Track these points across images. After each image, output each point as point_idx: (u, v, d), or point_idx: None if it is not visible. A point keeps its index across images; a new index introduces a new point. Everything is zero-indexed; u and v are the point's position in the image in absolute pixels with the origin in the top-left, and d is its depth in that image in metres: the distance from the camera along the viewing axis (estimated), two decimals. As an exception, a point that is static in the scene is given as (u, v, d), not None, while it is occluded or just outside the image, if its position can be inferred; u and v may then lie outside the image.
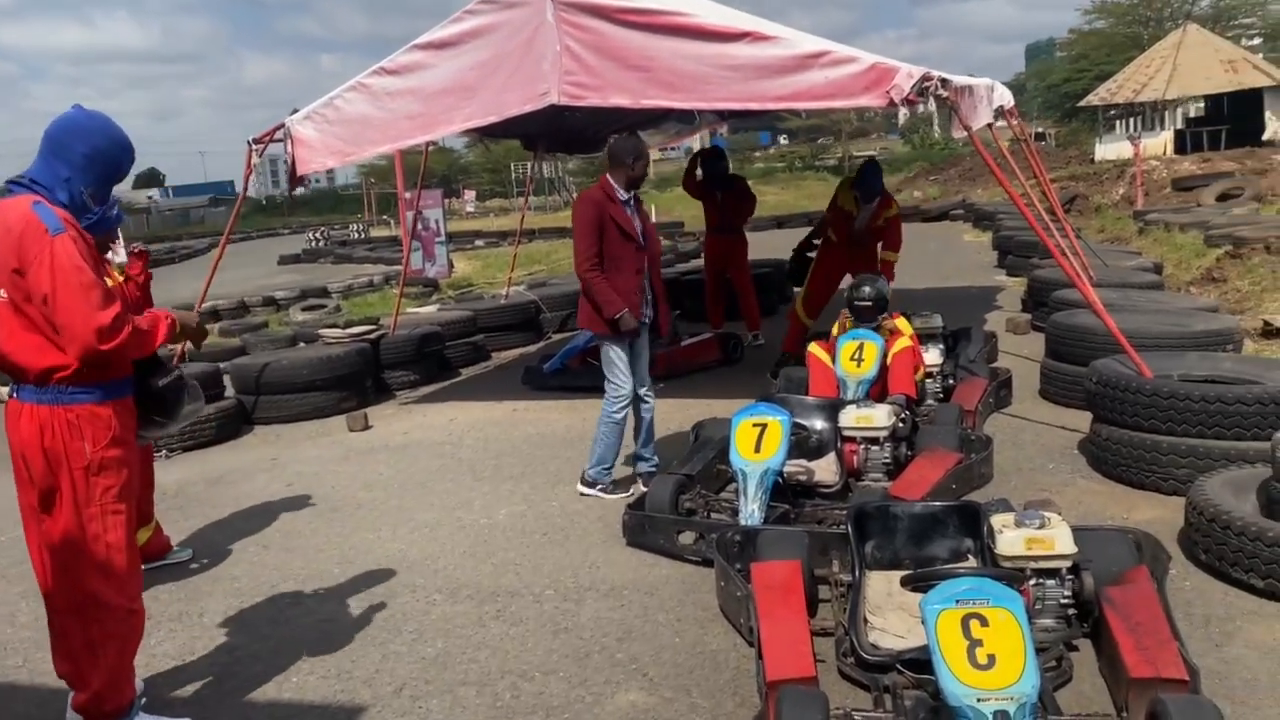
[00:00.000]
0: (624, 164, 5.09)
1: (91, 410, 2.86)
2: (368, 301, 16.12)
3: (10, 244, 2.76)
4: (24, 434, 2.85)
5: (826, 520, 4.32)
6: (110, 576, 2.91)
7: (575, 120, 9.17)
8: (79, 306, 2.73)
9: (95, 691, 2.94)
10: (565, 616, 3.80)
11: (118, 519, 2.92)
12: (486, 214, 46.72)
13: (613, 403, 5.18)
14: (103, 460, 2.87)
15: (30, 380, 2.84)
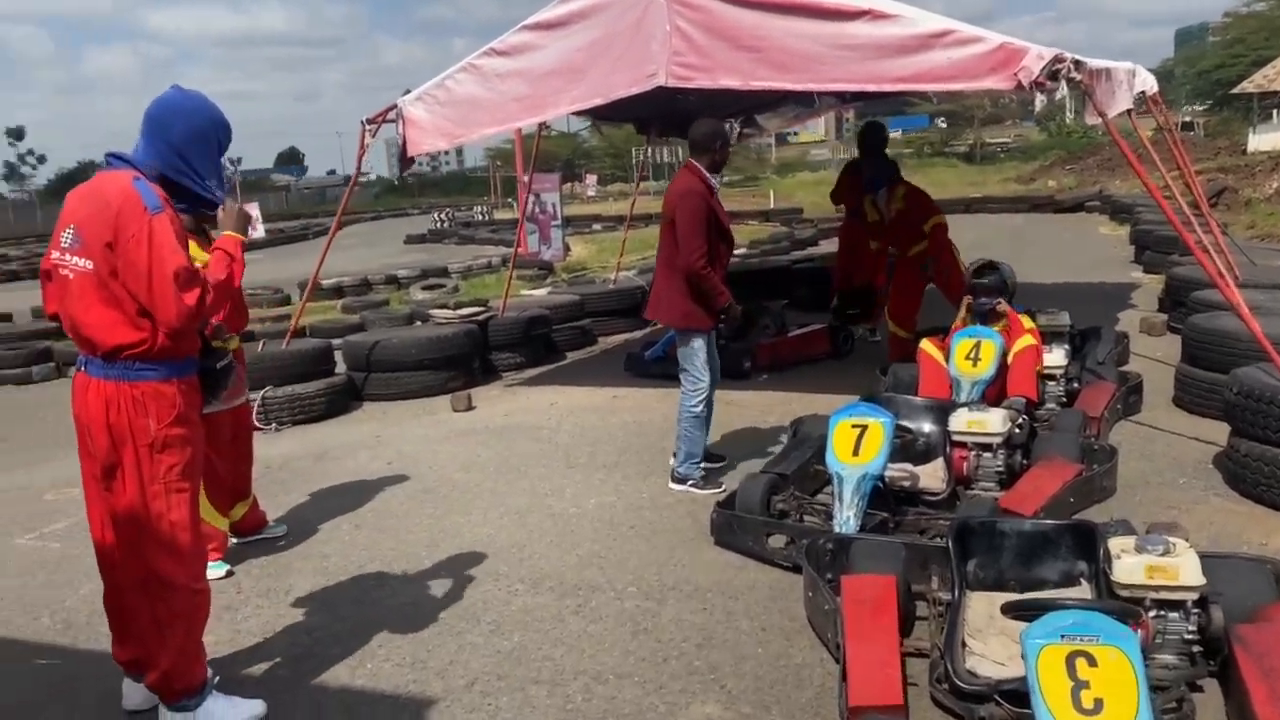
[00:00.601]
0: (710, 149, 4.95)
1: (156, 388, 2.85)
2: (484, 282, 16.34)
3: (107, 217, 2.77)
4: (91, 409, 2.85)
5: (929, 531, 4.06)
6: (174, 555, 2.91)
7: (689, 103, 8.98)
8: (169, 290, 2.74)
9: (164, 671, 2.94)
10: (645, 616, 3.67)
11: (181, 497, 2.91)
12: (607, 198, 47.01)
13: (692, 396, 5.08)
14: (167, 438, 2.86)
15: (100, 355, 2.84)
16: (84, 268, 2.81)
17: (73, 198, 2.92)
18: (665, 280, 5.05)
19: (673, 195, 4.96)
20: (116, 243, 2.76)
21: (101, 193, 2.83)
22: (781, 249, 17.97)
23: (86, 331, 2.84)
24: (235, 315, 4.46)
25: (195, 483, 2.99)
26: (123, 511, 2.88)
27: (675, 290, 4.97)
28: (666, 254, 5.03)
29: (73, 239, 2.84)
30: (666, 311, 5.12)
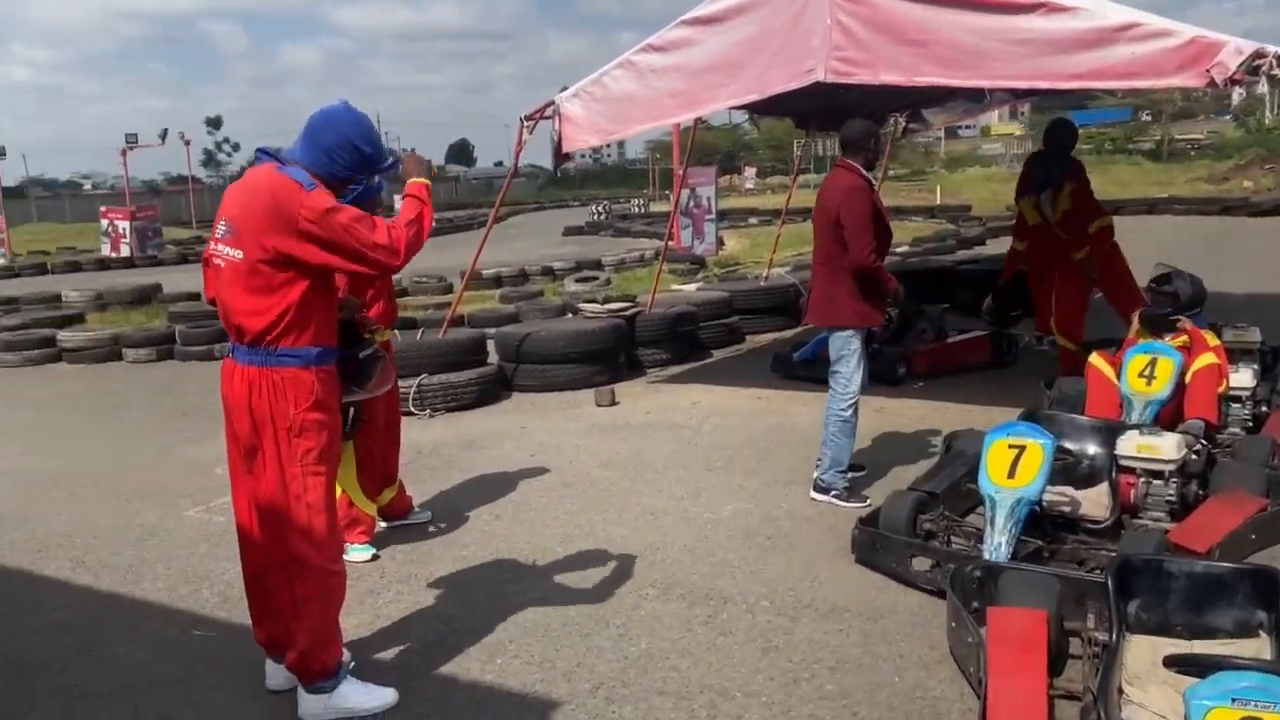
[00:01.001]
0: (864, 148, 4.93)
1: (295, 374, 2.94)
2: (636, 275, 16.42)
3: (260, 207, 2.89)
4: (235, 392, 2.97)
5: (1088, 562, 3.79)
6: (310, 536, 3.00)
7: (850, 97, 8.74)
8: (351, 242, 2.87)
9: (301, 650, 3.04)
10: (778, 633, 3.57)
11: (317, 480, 3.00)
12: (765, 191, 46.59)
13: (842, 399, 4.97)
14: (304, 422, 2.95)
15: (246, 341, 2.95)
16: (234, 257, 2.93)
17: (229, 192, 3.08)
18: (828, 281, 4.94)
19: (835, 193, 4.86)
20: (280, 227, 2.86)
21: (254, 185, 2.97)
22: (946, 248, 17.35)
23: (236, 318, 2.96)
24: (386, 309, 4.61)
25: (331, 466, 3.08)
26: (263, 493, 3.00)
27: (842, 290, 4.87)
28: (826, 253, 4.93)
29: (225, 230, 2.97)
30: (835, 314, 4.96)
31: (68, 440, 7.20)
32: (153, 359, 10.48)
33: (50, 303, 14.78)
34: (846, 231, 4.76)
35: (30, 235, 35.71)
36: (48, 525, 5.13)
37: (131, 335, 10.78)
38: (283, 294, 2.91)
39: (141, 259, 25.29)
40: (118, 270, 23.63)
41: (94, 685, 3.42)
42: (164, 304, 13.87)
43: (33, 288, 17.58)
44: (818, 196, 5.07)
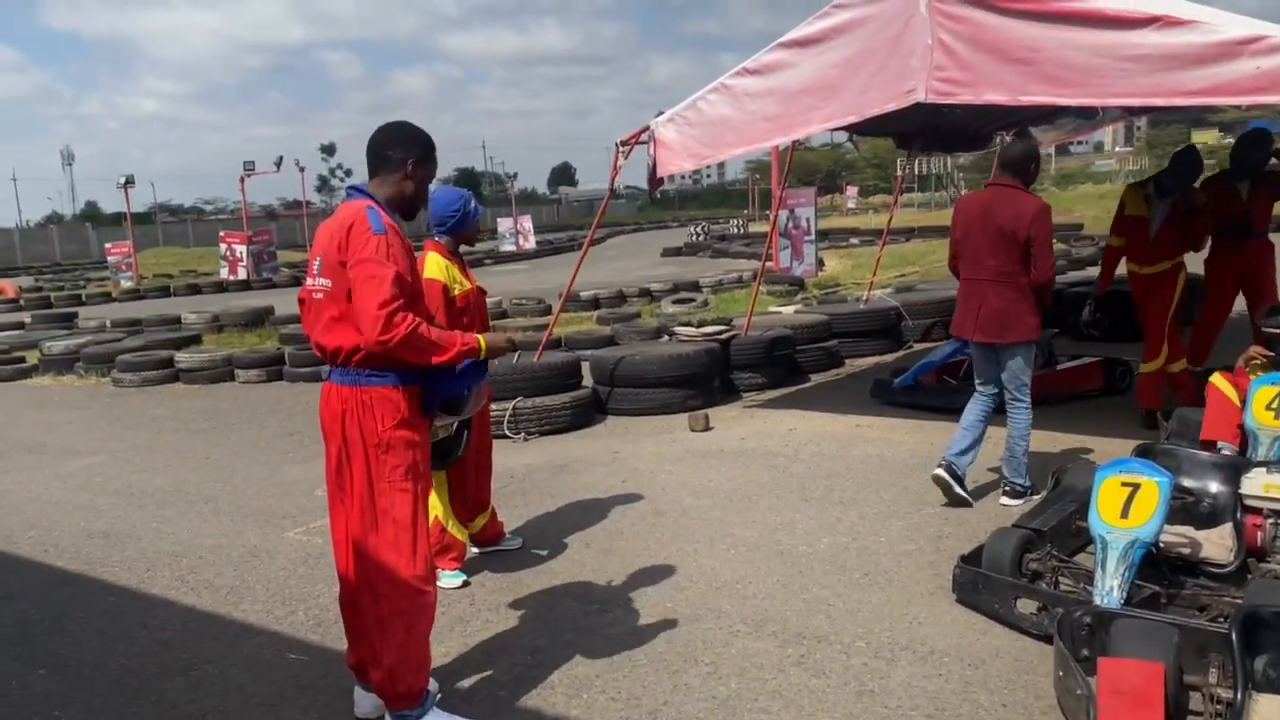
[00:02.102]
0: (1025, 170, 5.17)
1: (384, 393, 3.05)
2: (734, 297, 16.35)
3: (341, 238, 3.02)
4: (330, 412, 3.09)
5: (1210, 610, 3.54)
6: (397, 552, 3.07)
7: (954, 117, 8.52)
8: (366, 293, 2.94)
9: (388, 668, 3.07)
10: (873, 677, 3.43)
11: (405, 496, 3.08)
12: (867, 210, 45.97)
13: (1027, 413, 5.27)
14: (391, 439, 3.05)
15: (339, 363, 3.07)
16: (324, 287, 3.07)
17: (324, 228, 3.17)
18: (1003, 297, 5.14)
19: (1021, 213, 5.02)
20: (348, 262, 2.99)
21: (340, 219, 3.08)
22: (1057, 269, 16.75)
23: (326, 341, 3.08)
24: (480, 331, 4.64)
25: (419, 485, 3.14)
26: (354, 510, 3.09)
27: (1020, 306, 5.12)
28: (1002, 270, 5.12)
29: (319, 266, 3.10)
30: (1015, 329, 5.15)
31: (179, 459, 7.49)
32: (263, 379, 10.86)
33: (171, 324, 15.50)
34: (1036, 249, 5.03)
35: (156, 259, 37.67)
36: (157, 544, 5.33)
37: (243, 357, 11.20)
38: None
39: (257, 281, 26.38)
40: (235, 292, 24.71)
41: (189, 705, 3.50)
42: (275, 326, 14.41)
43: (156, 309, 18.48)
44: (977, 213, 5.22)
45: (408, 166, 3.17)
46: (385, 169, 3.17)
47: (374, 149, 3.19)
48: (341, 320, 3.03)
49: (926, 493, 5.43)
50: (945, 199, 45.50)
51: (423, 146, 3.22)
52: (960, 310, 5.37)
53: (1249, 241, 6.82)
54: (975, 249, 5.20)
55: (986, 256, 5.14)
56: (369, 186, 3.18)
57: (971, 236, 5.22)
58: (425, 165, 3.23)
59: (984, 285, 5.18)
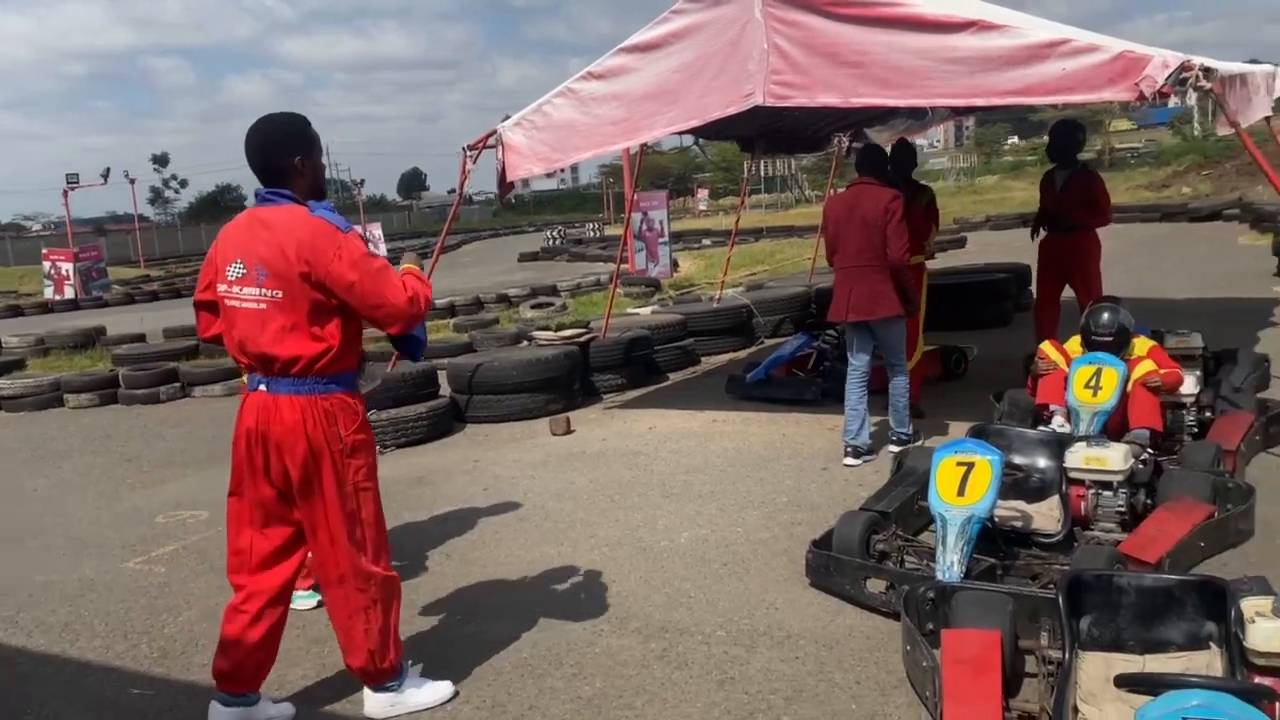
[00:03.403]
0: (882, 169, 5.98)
1: (343, 399, 3.13)
2: (593, 300, 16.40)
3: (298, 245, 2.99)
4: (285, 423, 3.06)
5: (1042, 577, 3.78)
6: (369, 548, 3.20)
7: (793, 119, 8.82)
8: (384, 288, 3.04)
9: (370, 651, 3.22)
10: (733, 664, 3.51)
11: (368, 495, 3.20)
12: (718, 212, 46.86)
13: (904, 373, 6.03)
14: (354, 443, 3.14)
15: (292, 372, 3.06)
16: (271, 297, 3.03)
17: (240, 232, 3.12)
18: (870, 281, 5.78)
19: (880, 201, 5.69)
20: (318, 266, 2.99)
21: (285, 226, 3.03)
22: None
23: (279, 351, 3.04)
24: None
25: (376, 482, 3.26)
26: (321, 516, 3.14)
27: (885, 287, 5.75)
28: (865, 258, 5.75)
29: (248, 271, 3.05)
30: (882, 307, 5.79)
31: (1, 494, 6.98)
32: (95, 404, 10.23)
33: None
34: (889, 231, 5.66)
35: (-29, 280, 34.88)
36: (-20, 584, 4.95)
37: (72, 380, 10.51)
38: (332, 326, 3.07)
39: (86, 301, 24.80)
40: (62, 313, 23.15)
41: (24, 754, 3.28)
42: (108, 347, 13.58)
43: (-28, 334, 17.13)
44: (844, 210, 5.85)
45: (300, 164, 3.15)
46: (282, 176, 3.12)
47: (259, 161, 3.13)
48: (296, 329, 3.03)
49: (781, 482, 5.61)
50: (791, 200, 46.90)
51: (302, 137, 3.18)
52: (836, 297, 5.98)
53: (1067, 234, 7.21)
54: (845, 242, 5.84)
55: (854, 247, 5.78)
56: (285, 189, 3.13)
57: (841, 231, 5.87)
58: (313, 153, 3.20)
59: (854, 272, 5.83)
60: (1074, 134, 7.44)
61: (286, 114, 3.23)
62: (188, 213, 77.13)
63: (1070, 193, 7.16)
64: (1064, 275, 7.35)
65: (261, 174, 3.14)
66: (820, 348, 8.11)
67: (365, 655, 3.23)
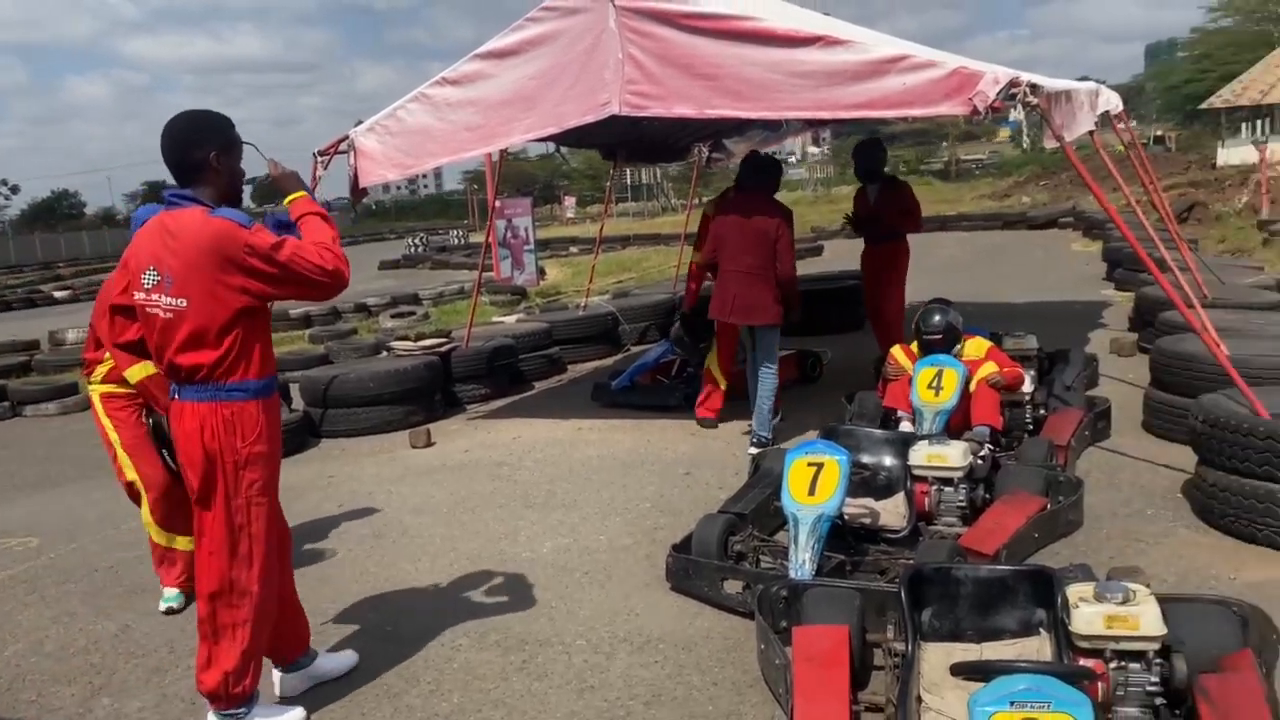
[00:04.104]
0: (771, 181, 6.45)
1: (242, 407, 3.08)
2: (456, 308, 16.17)
3: (200, 250, 2.96)
4: (187, 429, 3.06)
5: (889, 572, 3.93)
6: (250, 565, 3.13)
7: (654, 128, 8.90)
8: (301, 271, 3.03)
9: (227, 672, 3.12)
10: (594, 672, 3.51)
11: (260, 510, 3.14)
12: (585, 220, 46.97)
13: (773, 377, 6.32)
14: (250, 455, 3.09)
15: (196, 379, 3.04)
16: (178, 305, 3.00)
17: (147, 239, 3.07)
18: (753, 288, 6.12)
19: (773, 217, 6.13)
20: (227, 269, 2.97)
21: (187, 232, 2.99)
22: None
23: (180, 359, 3.04)
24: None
25: (273, 497, 3.20)
26: (208, 524, 3.11)
27: (767, 296, 6.09)
28: (752, 266, 6.09)
29: (160, 279, 3.02)
30: (760, 314, 6.16)
31: None
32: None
33: None
34: (780, 248, 6.07)
35: None
36: None
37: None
38: (228, 332, 3.02)
39: (-97, 314, 22.92)
40: (-125, 328, 21.31)
41: None
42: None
43: None
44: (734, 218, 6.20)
45: (215, 161, 3.10)
46: (195, 174, 3.09)
47: (173, 157, 3.09)
48: (198, 337, 3.01)
49: (644, 488, 5.65)
50: (658, 208, 47.40)
51: (217, 132, 3.13)
52: (718, 297, 6.33)
53: (882, 243, 7.84)
54: (733, 248, 6.17)
55: (742, 254, 6.13)
56: (194, 192, 3.09)
57: (730, 237, 6.20)
58: (230, 150, 3.15)
59: (739, 277, 6.16)
60: (875, 153, 8.08)
61: (205, 110, 3.19)
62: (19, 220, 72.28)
63: (884, 204, 7.76)
64: (875, 282, 8.01)
65: (175, 170, 3.11)
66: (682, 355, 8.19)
67: (220, 676, 3.12)
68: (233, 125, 3.17)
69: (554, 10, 5.82)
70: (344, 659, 3.65)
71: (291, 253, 3.02)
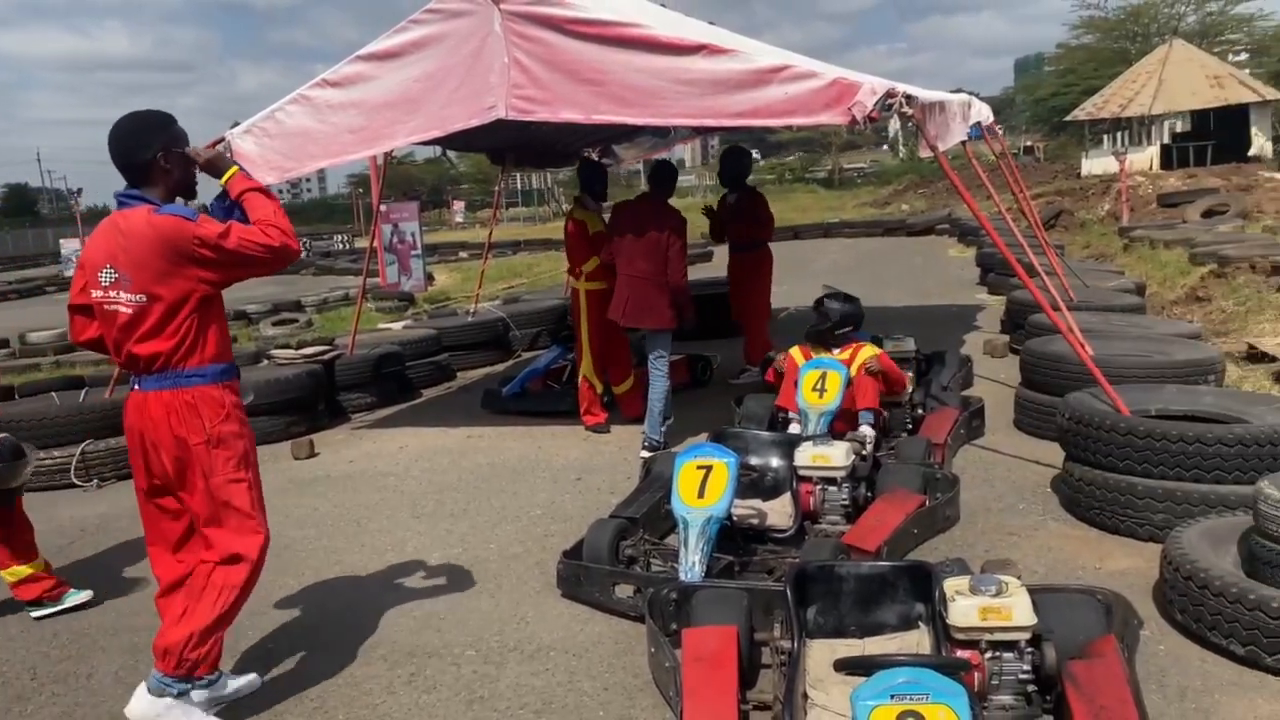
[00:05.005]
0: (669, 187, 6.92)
1: (204, 391, 3.18)
2: (341, 315, 15.79)
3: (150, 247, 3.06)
4: (154, 418, 3.14)
5: (777, 571, 3.99)
6: (241, 535, 3.25)
7: (543, 133, 8.86)
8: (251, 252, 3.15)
9: (190, 633, 3.15)
10: (483, 683, 3.47)
11: (240, 486, 3.24)
12: (474, 225, 46.48)
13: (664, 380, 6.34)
14: (220, 434, 3.19)
15: (155, 369, 3.13)
16: (137, 301, 3.09)
17: (104, 239, 3.16)
18: (647, 292, 6.24)
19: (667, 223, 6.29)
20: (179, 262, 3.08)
21: (136, 232, 3.09)
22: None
23: (140, 351, 3.13)
24: None
25: (252, 472, 3.31)
26: (194, 505, 3.23)
27: (660, 300, 6.22)
28: (647, 270, 6.21)
29: (116, 277, 3.11)
30: (651, 318, 6.28)
31: None
32: None
33: None
34: (672, 253, 6.22)
35: None
36: None
37: None
38: (183, 321, 3.13)
39: None
40: None
41: None
42: None
43: None
44: (632, 223, 6.35)
45: (161, 160, 3.19)
46: (144, 174, 3.18)
47: (120, 159, 3.17)
48: (156, 328, 3.09)
49: (535, 495, 5.61)
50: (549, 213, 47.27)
51: (160, 130, 3.23)
52: (615, 299, 6.45)
53: (744, 251, 8.22)
54: (630, 252, 6.29)
55: (638, 259, 6.24)
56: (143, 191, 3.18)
57: (627, 241, 6.31)
58: (174, 146, 3.23)
59: (635, 281, 6.28)
60: (741, 160, 8.49)
61: (148, 110, 3.27)
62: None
63: (742, 212, 8.12)
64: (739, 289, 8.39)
65: (124, 172, 3.19)
66: (574, 360, 8.18)
67: (184, 635, 3.15)
68: (174, 121, 3.27)
69: (438, 13, 5.73)
70: (246, 681, 3.54)
71: (238, 238, 3.14)
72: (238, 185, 3.33)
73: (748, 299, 8.32)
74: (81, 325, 3.35)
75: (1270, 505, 3.37)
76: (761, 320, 8.36)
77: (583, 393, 7.04)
